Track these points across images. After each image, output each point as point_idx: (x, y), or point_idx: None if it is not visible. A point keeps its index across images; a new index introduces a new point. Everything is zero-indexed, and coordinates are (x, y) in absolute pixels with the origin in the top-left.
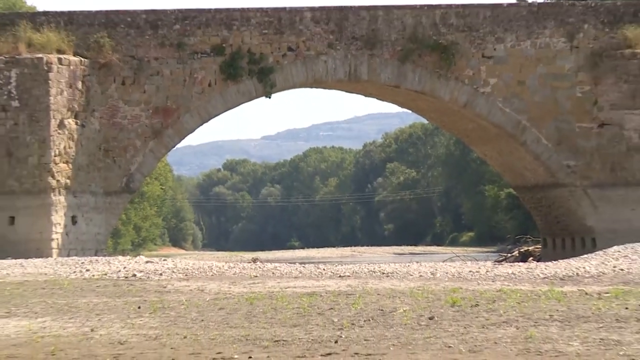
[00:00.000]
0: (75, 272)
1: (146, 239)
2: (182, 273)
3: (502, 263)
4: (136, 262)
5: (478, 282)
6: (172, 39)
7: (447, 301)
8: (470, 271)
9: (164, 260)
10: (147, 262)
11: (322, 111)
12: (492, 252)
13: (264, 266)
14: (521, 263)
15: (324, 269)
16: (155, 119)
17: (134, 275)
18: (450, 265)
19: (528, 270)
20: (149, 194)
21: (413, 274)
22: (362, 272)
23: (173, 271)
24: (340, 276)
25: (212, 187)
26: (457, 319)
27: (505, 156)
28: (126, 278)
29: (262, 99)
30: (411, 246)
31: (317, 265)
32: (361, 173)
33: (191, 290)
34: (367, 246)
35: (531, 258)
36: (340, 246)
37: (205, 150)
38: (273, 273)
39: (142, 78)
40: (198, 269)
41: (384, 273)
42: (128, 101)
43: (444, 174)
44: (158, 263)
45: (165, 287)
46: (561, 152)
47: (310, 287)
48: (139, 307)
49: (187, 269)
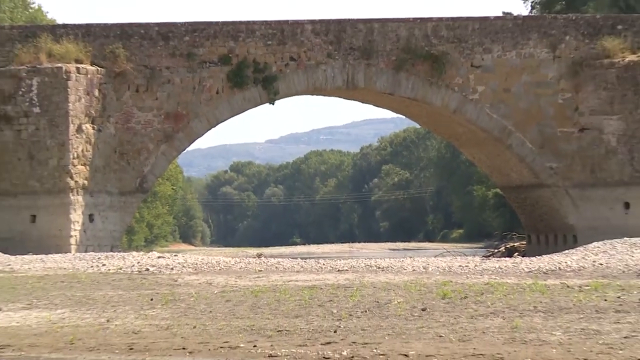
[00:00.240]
0: (92, 267)
1: (158, 236)
2: (192, 267)
3: (490, 258)
4: (149, 257)
5: (467, 276)
6: (182, 50)
7: (439, 294)
8: (459, 266)
9: (175, 255)
10: (159, 257)
11: (322, 117)
12: (480, 248)
13: (268, 261)
14: (507, 258)
15: (324, 264)
16: (166, 124)
17: (147, 269)
18: (441, 260)
19: (514, 264)
20: (161, 194)
21: (407, 268)
22: (359, 267)
23: (183, 266)
24: (339, 270)
25: (220, 188)
26: (448, 310)
27: (492, 158)
28: (139, 272)
29: (266, 105)
30: (405, 242)
31: (317, 260)
32: (358, 174)
33: (200, 283)
34: (364, 242)
35: (517, 253)
36: (338, 242)
37: (213, 153)
38: (276, 268)
39: (155, 86)
40: (206, 264)
41: (380, 267)
42: (141, 107)
43: (436, 175)
44: (169, 258)
45: (176, 281)
46: (544, 155)
47: (311, 281)
48: (152, 299)
49: (197, 264)
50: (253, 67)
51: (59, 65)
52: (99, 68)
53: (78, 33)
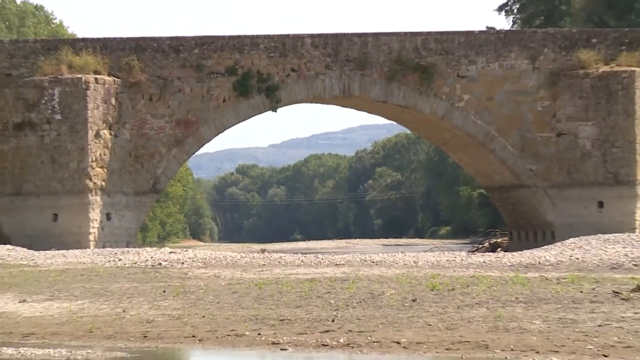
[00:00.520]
0: (109, 261)
1: (170, 233)
2: (201, 262)
3: (475, 253)
4: (161, 253)
5: (454, 270)
6: (192, 61)
7: (428, 286)
8: (447, 260)
9: (186, 251)
10: (171, 253)
11: (321, 123)
12: (466, 244)
13: (271, 256)
14: (491, 253)
15: (322, 258)
16: (177, 130)
17: (160, 263)
18: (430, 255)
19: (497, 259)
20: (173, 194)
21: (398, 263)
22: (355, 261)
23: (193, 260)
24: (336, 264)
25: (227, 188)
26: (436, 301)
27: (477, 161)
28: (153, 266)
29: (269, 113)
30: (397, 238)
31: (317, 255)
32: (354, 176)
33: (209, 276)
34: (359, 238)
35: (499, 249)
36: (336, 239)
37: (220, 156)
38: (279, 262)
39: (167, 95)
40: (214, 259)
41: (374, 262)
42: (154, 114)
43: (425, 177)
44: (180, 253)
45: (186, 274)
46: (524, 158)
47: (310, 274)
48: (164, 291)
49: (205, 259)
50: (257, 78)
51: (79, 76)
52: (116, 78)
53: (96, 46)
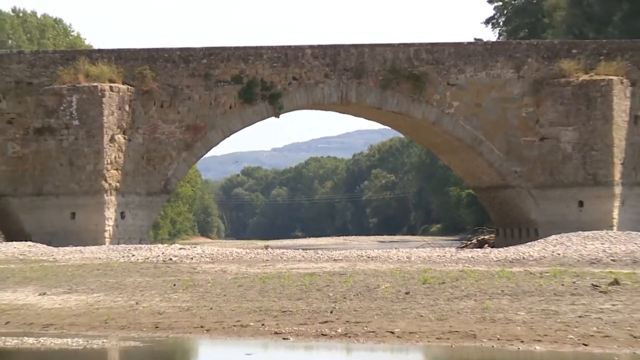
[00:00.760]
0: (123, 257)
1: (180, 230)
2: (209, 257)
3: (464, 249)
4: (172, 249)
5: (444, 264)
6: (201, 71)
7: (420, 279)
8: (438, 255)
9: (194, 247)
10: (181, 249)
11: (320, 128)
12: (455, 240)
13: (274, 252)
14: (479, 249)
15: (322, 254)
16: (187, 135)
17: (170, 259)
18: (422, 250)
19: (484, 254)
20: (182, 194)
21: (392, 258)
22: (352, 257)
23: (201, 256)
24: (334, 260)
25: (233, 189)
26: (428, 294)
27: (465, 163)
28: (164, 261)
29: (272, 118)
30: (391, 235)
31: (316, 251)
32: (351, 177)
33: (216, 271)
34: (356, 236)
35: (487, 245)
36: (334, 236)
37: (227, 159)
38: (281, 257)
39: (177, 102)
40: (221, 254)
41: (370, 257)
42: (165, 120)
43: (417, 178)
44: (189, 249)
45: (195, 269)
46: (510, 160)
47: (310, 269)
48: (174, 285)
49: (213, 254)
50: (261, 86)
51: (95, 84)
52: (129, 87)
53: (111, 57)
